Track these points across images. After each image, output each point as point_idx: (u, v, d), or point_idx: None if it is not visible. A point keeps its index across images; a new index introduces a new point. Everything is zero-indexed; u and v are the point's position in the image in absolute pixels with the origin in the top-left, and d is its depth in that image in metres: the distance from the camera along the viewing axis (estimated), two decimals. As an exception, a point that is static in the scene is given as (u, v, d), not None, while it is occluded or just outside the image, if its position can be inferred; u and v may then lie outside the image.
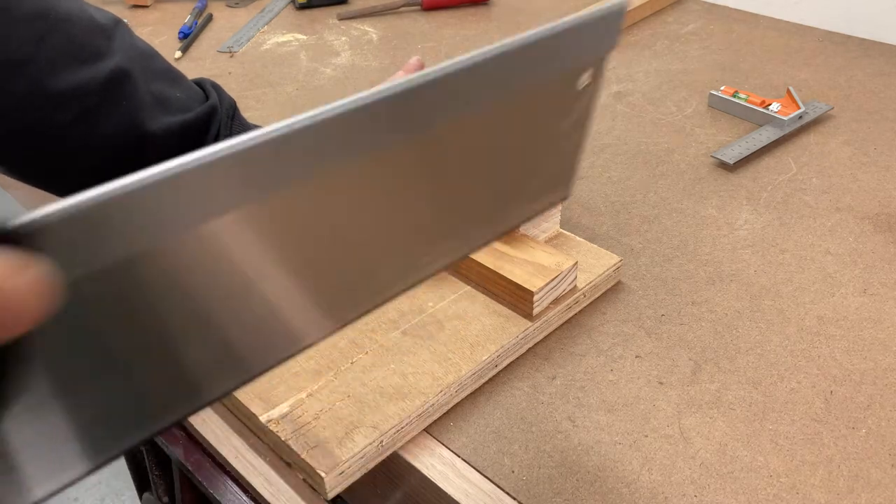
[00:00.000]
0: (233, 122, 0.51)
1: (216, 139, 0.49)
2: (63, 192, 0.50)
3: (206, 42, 1.00)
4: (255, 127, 0.52)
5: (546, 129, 0.36)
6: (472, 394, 0.49)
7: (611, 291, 0.56)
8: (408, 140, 0.30)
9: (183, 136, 0.48)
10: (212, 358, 0.28)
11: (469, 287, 0.54)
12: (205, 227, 0.24)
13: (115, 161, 0.47)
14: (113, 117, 0.46)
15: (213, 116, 0.50)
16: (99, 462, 0.26)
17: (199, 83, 0.52)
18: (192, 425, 0.51)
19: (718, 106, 0.78)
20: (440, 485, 0.44)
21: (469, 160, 0.34)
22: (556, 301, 0.52)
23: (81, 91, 0.45)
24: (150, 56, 0.50)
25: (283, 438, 0.44)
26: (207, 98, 0.51)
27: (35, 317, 0.19)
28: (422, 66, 0.66)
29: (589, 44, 0.33)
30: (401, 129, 0.29)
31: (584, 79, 0.34)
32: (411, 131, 0.29)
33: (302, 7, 1.08)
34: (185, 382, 0.28)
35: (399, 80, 0.28)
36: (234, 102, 0.52)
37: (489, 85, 0.31)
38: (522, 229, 0.55)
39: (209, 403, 0.30)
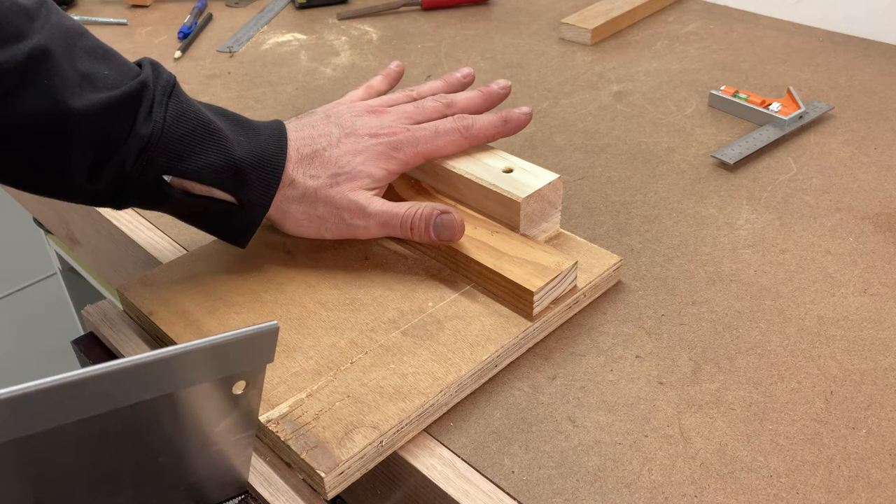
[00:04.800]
0: (169, 101, 0.49)
1: (149, 115, 0.48)
2: None
3: (206, 42, 1.00)
4: (196, 105, 0.51)
5: (204, 428, 0.38)
6: (472, 394, 0.49)
7: (611, 291, 0.56)
8: (56, 429, 0.32)
9: (109, 113, 0.47)
10: None
11: (469, 287, 0.54)
12: None
13: (39, 142, 0.47)
14: (35, 96, 0.46)
15: (142, 93, 0.48)
16: None
17: (139, 62, 0.51)
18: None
19: (718, 106, 0.78)
20: (440, 485, 0.44)
21: (128, 447, 0.36)
22: (556, 301, 0.52)
23: (0, 70, 0.44)
24: (76, 34, 0.49)
25: (282, 438, 0.44)
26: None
27: None
28: (401, 72, 0.66)
29: (241, 358, 0.36)
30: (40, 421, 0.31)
31: (238, 388, 0.37)
32: (52, 423, 0.31)
33: (302, 7, 1.08)
34: None
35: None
36: (175, 80, 0.50)
37: (144, 385, 0.33)
38: (522, 229, 0.55)
39: None
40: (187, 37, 1.00)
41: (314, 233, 0.55)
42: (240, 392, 0.37)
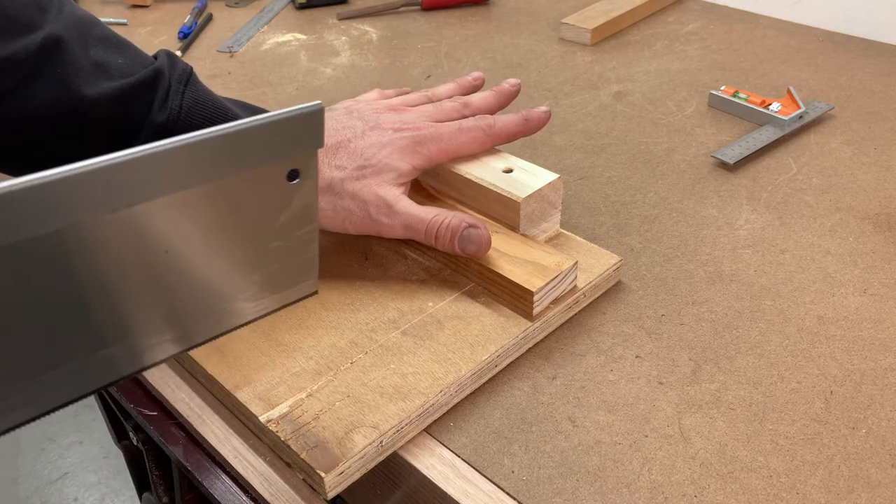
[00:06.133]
0: (186, 89, 0.49)
1: (165, 103, 0.48)
2: (4, 164, 0.49)
3: (206, 42, 1.00)
4: (214, 95, 0.51)
5: (265, 220, 0.37)
6: (472, 394, 0.49)
7: (611, 291, 0.56)
8: (111, 219, 0.31)
9: (123, 101, 0.47)
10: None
11: (469, 287, 0.54)
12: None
13: (54, 129, 0.47)
14: (49, 85, 0.46)
15: (157, 81, 0.48)
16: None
17: (154, 54, 0.51)
18: (191, 425, 0.51)
19: (718, 106, 0.78)
20: (440, 485, 0.44)
21: (191, 238, 0.35)
22: (556, 301, 0.52)
23: (14, 61, 0.45)
24: (89, 23, 0.49)
25: (282, 438, 0.44)
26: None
27: None
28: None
29: (289, 141, 0.34)
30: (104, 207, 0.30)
31: (294, 175, 0.36)
32: (115, 208, 0.31)
33: (302, 7, 1.08)
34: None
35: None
36: (191, 69, 0.50)
37: (188, 169, 0.32)
38: (522, 229, 0.55)
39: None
40: (187, 37, 1.00)
41: (338, 225, 0.54)
42: (296, 181, 0.36)
